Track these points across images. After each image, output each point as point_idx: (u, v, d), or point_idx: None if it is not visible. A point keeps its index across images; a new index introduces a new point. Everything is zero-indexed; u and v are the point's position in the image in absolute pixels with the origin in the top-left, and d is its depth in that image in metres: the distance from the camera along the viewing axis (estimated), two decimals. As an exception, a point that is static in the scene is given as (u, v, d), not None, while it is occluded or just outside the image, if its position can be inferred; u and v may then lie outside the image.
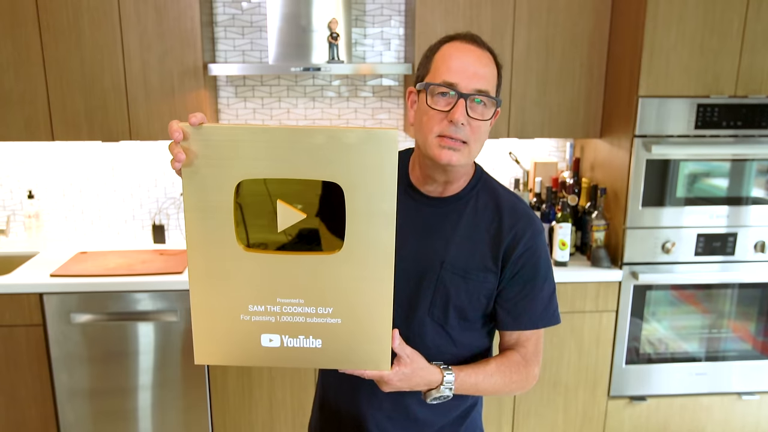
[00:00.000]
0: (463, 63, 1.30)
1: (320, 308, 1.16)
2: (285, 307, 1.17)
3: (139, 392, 2.86)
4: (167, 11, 2.76)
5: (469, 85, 1.28)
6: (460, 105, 1.27)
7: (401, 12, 3.17)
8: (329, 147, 1.08)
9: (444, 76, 1.30)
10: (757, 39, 2.69)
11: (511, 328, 1.44)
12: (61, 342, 2.76)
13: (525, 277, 1.40)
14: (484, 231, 1.40)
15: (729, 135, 2.79)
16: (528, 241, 1.38)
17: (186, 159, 1.08)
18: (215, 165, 1.09)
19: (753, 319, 3.02)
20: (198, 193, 1.11)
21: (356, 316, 1.17)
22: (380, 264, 1.14)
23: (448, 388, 1.32)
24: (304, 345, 1.19)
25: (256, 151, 1.08)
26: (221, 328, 1.18)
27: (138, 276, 2.76)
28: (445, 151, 1.30)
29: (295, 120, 3.25)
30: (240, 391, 2.91)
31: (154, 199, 3.29)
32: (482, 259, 1.39)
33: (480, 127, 1.31)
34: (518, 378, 1.42)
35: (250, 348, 1.19)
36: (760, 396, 3.08)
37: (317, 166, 1.09)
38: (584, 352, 2.97)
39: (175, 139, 1.07)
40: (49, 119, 2.82)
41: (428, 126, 1.32)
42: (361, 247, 1.13)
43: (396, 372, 1.24)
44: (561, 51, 2.93)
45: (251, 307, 1.17)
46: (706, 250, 2.88)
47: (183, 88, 2.84)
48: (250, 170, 1.10)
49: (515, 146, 3.34)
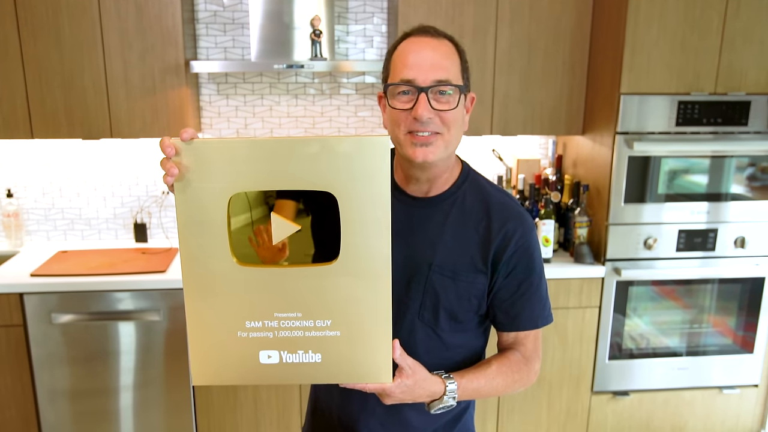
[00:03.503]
0: (418, 57, 1.27)
1: (318, 321, 1.14)
2: (283, 322, 1.14)
3: (121, 392, 2.84)
4: (148, 8, 2.74)
5: (428, 78, 1.25)
6: (421, 100, 1.25)
7: (384, 9, 3.17)
8: (322, 156, 1.07)
9: (401, 74, 1.27)
10: (736, 37, 2.72)
11: (510, 328, 1.42)
12: (42, 342, 2.73)
13: (520, 276, 1.37)
14: (473, 230, 1.36)
15: (709, 132, 2.81)
16: (519, 240, 1.36)
17: (178, 174, 1.07)
18: (208, 179, 1.08)
19: (733, 314, 3.05)
20: (191, 208, 1.10)
21: (355, 328, 1.15)
22: (377, 272, 1.12)
23: (452, 397, 1.29)
24: (304, 360, 1.16)
25: (249, 164, 1.08)
26: (219, 347, 1.16)
27: (120, 275, 2.74)
28: (419, 149, 1.27)
29: (277, 117, 3.24)
30: (224, 392, 2.90)
31: (136, 197, 3.26)
32: (472, 259, 1.36)
33: (450, 117, 1.28)
34: (519, 377, 1.40)
35: (249, 366, 1.17)
36: (740, 390, 3.12)
37: (311, 176, 1.08)
38: (568, 348, 2.98)
39: (167, 154, 1.07)
40: (28, 117, 2.79)
41: (396, 126, 1.29)
42: (357, 256, 1.11)
43: (398, 384, 1.21)
44: (543, 48, 2.94)
45: (248, 323, 1.15)
46: (687, 246, 2.91)
47: (164, 86, 2.81)
48: (243, 183, 1.09)
49: (498, 143, 3.35)
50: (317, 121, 3.26)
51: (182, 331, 2.78)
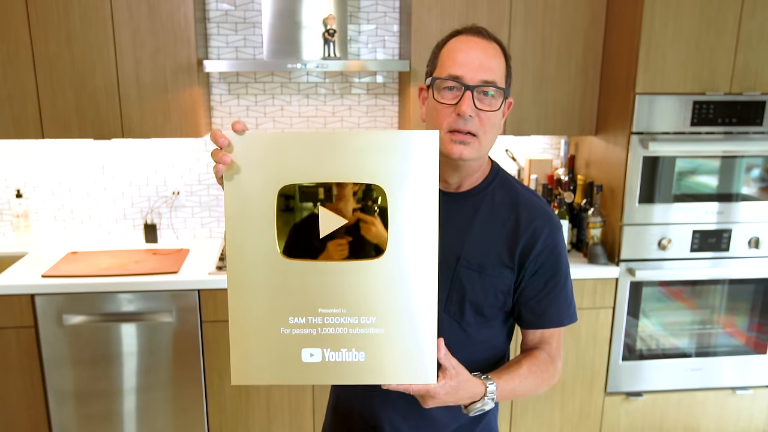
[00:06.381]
0: (468, 56, 1.29)
1: (363, 318, 1.13)
2: (327, 318, 1.13)
3: (132, 394, 2.82)
4: (160, 7, 2.72)
5: (475, 77, 1.27)
6: (466, 97, 1.27)
7: (396, 9, 3.15)
8: (371, 149, 1.08)
9: (449, 69, 1.30)
10: (752, 36, 2.71)
11: (536, 326, 1.42)
12: (53, 343, 2.71)
13: (546, 275, 1.38)
14: (501, 226, 1.38)
15: (724, 132, 2.80)
16: (547, 238, 1.37)
17: (228, 164, 1.09)
18: (257, 172, 1.09)
19: (747, 314, 3.04)
20: (239, 201, 1.10)
21: (400, 325, 1.13)
22: (424, 268, 1.11)
23: (491, 398, 1.27)
24: (347, 359, 1.14)
25: (299, 156, 1.08)
26: (260, 344, 1.14)
27: (131, 276, 2.72)
28: (456, 146, 1.29)
29: (288, 117, 3.22)
30: (237, 393, 2.88)
31: (146, 197, 3.24)
32: (498, 254, 1.37)
33: (489, 119, 1.30)
34: (547, 376, 1.40)
35: (291, 364, 1.14)
36: (753, 390, 3.11)
37: (359, 168, 1.08)
38: (581, 348, 2.97)
39: (220, 144, 1.09)
40: (39, 117, 2.77)
41: (438, 121, 1.31)
42: (403, 250, 1.10)
43: (443, 385, 1.18)
44: (557, 48, 2.93)
45: (292, 319, 1.13)
46: (701, 247, 2.90)
47: (176, 85, 2.79)
48: (292, 175, 1.09)
49: (511, 143, 3.33)
50: (328, 120, 3.25)
51: (194, 333, 2.76)
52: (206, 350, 2.80)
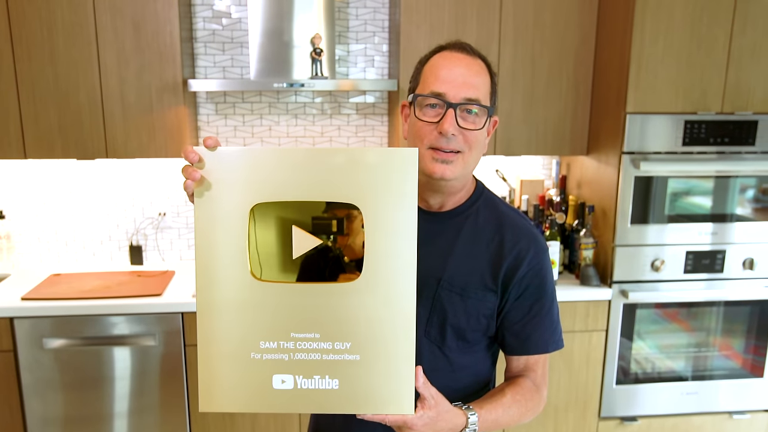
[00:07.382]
0: (451, 72, 1.25)
1: (337, 343, 1.07)
2: (299, 343, 1.07)
3: (115, 419, 2.74)
4: (146, 26, 2.69)
5: (458, 94, 1.24)
6: (449, 115, 1.23)
7: (384, 28, 3.13)
8: (349, 167, 1.03)
9: (432, 86, 1.26)
10: (743, 54, 2.68)
11: (520, 352, 1.37)
12: (32, 368, 2.64)
13: (531, 298, 1.33)
14: (485, 247, 1.33)
15: (716, 152, 2.77)
16: (532, 260, 1.32)
17: (199, 181, 1.05)
18: (230, 188, 1.05)
19: (743, 336, 2.98)
20: (210, 219, 1.06)
21: (376, 352, 1.07)
22: (402, 291, 1.06)
23: (473, 430, 1.22)
24: (320, 386, 1.08)
25: (273, 173, 1.04)
26: (229, 370, 1.08)
27: (115, 299, 2.66)
28: (438, 165, 1.25)
29: (277, 137, 3.18)
30: (221, 418, 2.80)
31: (131, 219, 3.19)
32: (482, 276, 1.32)
33: (473, 137, 1.26)
34: (532, 405, 1.34)
35: (261, 391, 1.09)
36: (750, 415, 3.04)
37: (336, 187, 1.04)
38: (574, 372, 2.91)
39: (190, 160, 1.05)
40: (21, 136, 2.72)
41: (419, 138, 1.27)
42: (381, 273, 1.06)
43: (421, 416, 1.12)
44: (547, 67, 2.90)
45: (263, 343, 1.08)
46: (695, 268, 2.85)
47: (162, 105, 2.76)
48: (266, 193, 1.04)
49: (501, 164, 3.30)
50: (317, 141, 3.21)
51: (178, 356, 2.69)
52: (190, 374, 2.73)
